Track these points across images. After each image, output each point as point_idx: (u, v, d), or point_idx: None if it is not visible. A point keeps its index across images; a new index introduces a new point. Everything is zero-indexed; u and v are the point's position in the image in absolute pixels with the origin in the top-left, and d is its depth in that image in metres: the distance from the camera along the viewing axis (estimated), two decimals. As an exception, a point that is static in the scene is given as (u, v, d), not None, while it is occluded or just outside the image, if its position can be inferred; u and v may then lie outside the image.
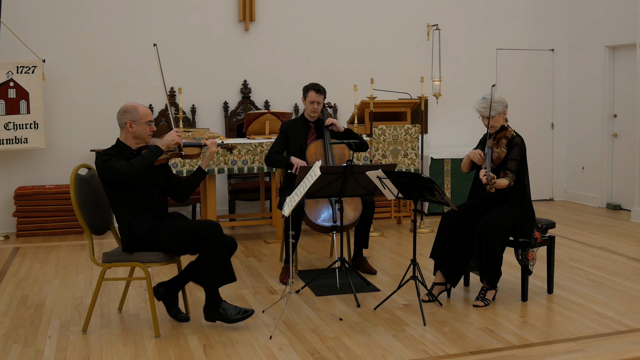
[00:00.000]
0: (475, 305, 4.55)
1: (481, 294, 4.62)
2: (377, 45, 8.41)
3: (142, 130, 4.12)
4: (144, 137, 4.16)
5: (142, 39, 7.63)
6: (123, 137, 4.16)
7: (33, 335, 4.11)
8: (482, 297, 4.60)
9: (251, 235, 7.11)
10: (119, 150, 4.12)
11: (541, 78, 9.13)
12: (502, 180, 4.48)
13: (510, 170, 4.55)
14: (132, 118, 4.10)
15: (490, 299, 4.63)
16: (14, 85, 6.96)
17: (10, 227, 7.29)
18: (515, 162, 4.57)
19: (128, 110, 4.12)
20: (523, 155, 4.61)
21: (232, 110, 7.94)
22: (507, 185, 4.51)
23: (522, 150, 4.60)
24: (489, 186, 4.35)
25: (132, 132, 4.11)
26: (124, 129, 4.12)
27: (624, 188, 8.34)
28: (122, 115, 4.12)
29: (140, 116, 4.10)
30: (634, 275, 5.37)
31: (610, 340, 3.96)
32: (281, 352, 3.80)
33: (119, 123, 4.15)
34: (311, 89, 5.45)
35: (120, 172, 3.94)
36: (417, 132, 7.23)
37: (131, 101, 7.83)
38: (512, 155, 4.57)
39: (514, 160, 4.57)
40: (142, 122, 4.11)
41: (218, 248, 4.01)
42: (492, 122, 4.59)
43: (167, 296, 4.28)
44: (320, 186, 4.60)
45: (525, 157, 4.64)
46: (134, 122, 4.09)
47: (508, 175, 4.53)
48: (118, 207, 4.08)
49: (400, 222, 7.66)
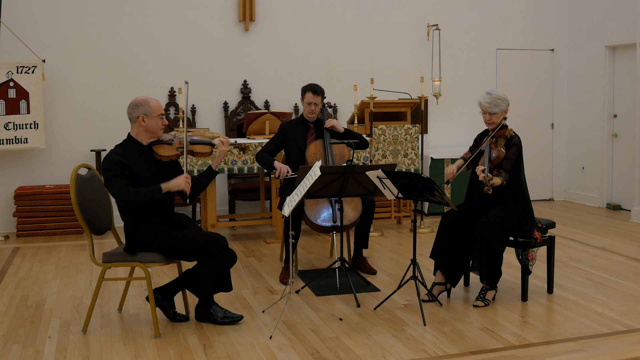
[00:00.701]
0: (476, 305, 4.56)
1: (481, 294, 4.62)
2: (377, 45, 8.41)
3: (154, 124, 4.07)
4: (156, 131, 4.10)
5: (143, 39, 7.63)
6: (134, 132, 4.10)
7: (33, 335, 4.11)
8: (482, 297, 4.60)
9: (251, 235, 7.11)
10: (129, 147, 4.07)
11: (541, 78, 9.13)
12: (496, 179, 4.48)
13: (505, 170, 4.54)
14: (145, 112, 4.04)
15: (491, 299, 4.63)
16: (14, 85, 6.96)
17: (10, 227, 7.29)
18: (510, 162, 4.56)
19: (140, 104, 4.05)
20: (520, 155, 4.61)
21: (232, 110, 7.94)
22: (500, 184, 4.50)
23: (519, 150, 4.60)
24: (487, 187, 4.35)
25: (144, 126, 4.05)
26: (136, 123, 4.06)
27: (624, 188, 8.34)
28: (134, 109, 4.05)
29: (152, 110, 4.05)
30: (634, 275, 5.37)
31: (610, 340, 3.96)
32: (281, 352, 3.80)
33: (129, 117, 4.08)
34: (308, 90, 5.43)
35: (113, 194, 3.95)
36: (417, 132, 7.23)
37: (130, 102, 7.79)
38: (508, 154, 4.56)
39: (509, 160, 4.56)
40: (154, 115, 4.06)
41: (221, 263, 4.08)
42: (493, 118, 4.60)
43: (164, 302, 4.29)
44: (320, 186, 4.60)
45: (521, 156, 4.63)
46: (146, 116, 4.04)
47: (502, 174, 4.53)
48: (125, 207, 4.07)
49: (400, 222, 7.66)
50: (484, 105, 4.61)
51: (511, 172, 4.57)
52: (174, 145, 4.17)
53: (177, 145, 4.17)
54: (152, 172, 4.09)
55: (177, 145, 4.17)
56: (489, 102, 4.58)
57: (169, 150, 4.15)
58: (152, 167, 4.11)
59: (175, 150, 4.15)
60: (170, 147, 4.16)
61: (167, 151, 4.14)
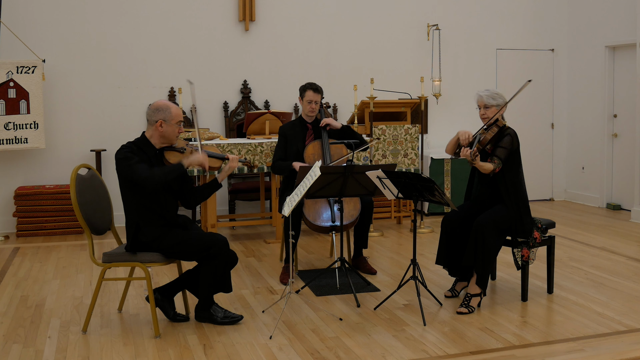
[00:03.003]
0: (459, 312, 4.41)
1: (465, 300, 4.50)
2: (377, 45, 8.41)
3: (171, 131, 4.06)
4: (171, 138, 4.10)
5: (143, 39, 7.63)
6: (149, 134, 4.10)
7: (33, 335, 4.11)
8: (466, 304, 4.48)
9: (251, 235, 7.11)
10: (141, 147, 4.07)
11: (541, 78, 9.12)
12: (487, 164, 4.44)
13: (498, 157, 4.48)
14: (164, 117, 4.03)
15: (475, 306, 4.50)
16: (14, 85, 6.96)
17: (10, 227, 7.29)
18: (504, 150, 4.50)
19: (161, 109, 4.04)
20: (515, 149, 4.55)
21: (232, 110, 7.94)
22: (492, 170, 4.46)
23: (514, 142, 4.53)
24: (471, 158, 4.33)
25: (160, 131, 4.05)
26: (153, 126, 4.05)
27: (624, 188, 8.34)
28: (154, 113, 4.04)
29: (172, 116, 4.04)
30: (634, 275, 5.37)
31: (610, 340, 3.96)
32: (281, 352, 3.80)
33: (148, 119, 4.08)
34: (308, 89, 5.43)
35: (140, 176, 3.91)
36: (417, 132, 7.23)
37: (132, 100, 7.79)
38: (502, 143, 4.51)
39: (503, 148, 4.50)
40: (173, 122, 4.04)
41: (222, 264, 4.08)
42: (487, 112, 4.56)
43: (164, 302, 4.29)
44: (320, 186, 4.60)
45: (518, 152, 4.59)
46: (164, 122, 4.03)
47: (495, 161, 4.48)
48: (129, 205, 4.09)
49: (400, 222, 7.66)
50: (481, 97, 4.59)
51: (507, 168, 4.52)
52: (185, 154, 4.15)
53: (188, 154, 4.15)
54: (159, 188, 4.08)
55: (189, 154, 4.15)
56: (487, 95, 4.58)
57: (179, 159, 4.12)
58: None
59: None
60: (181, 156, 4.15)
61: (178, 159, 4.12)
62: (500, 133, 4.56)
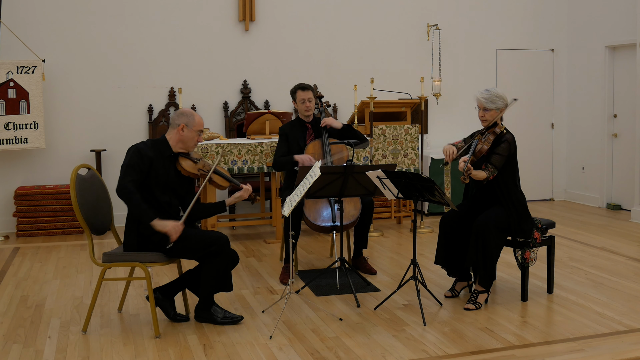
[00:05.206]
0: (467, 308, 4.48)
1: (472, 297, 4.55)
2: (377, 45, 8.41)
3: (190, 137, 4.18)
4: (189, 144, 4.21)
5: (143, 39, 7.63)
6: (169, 136, 4.21)
7: (33, 335, 4.11)
8: (473, 300, 4.53)
9: (251, 235, 7.11)
10: (159, 146, 4.15)
11: (541, 78, 9.13)
12: (480, 172, 4.39)
13: (493, 164, 4.44)
14: (187, 122, 4.16)
15: (482, 302, 4.56)
16: (14, 85, 6.96)
17: (10, 227, 7.29)
18: (499, 157, 4.45)
19: (185, 114, 4.19)
20: (512, 153, 4.51)
21: (232, 110, 7.94)
22: (485, 178, 4.41)
23: (511, 147, 4.49)
24: (463, 176, 4.30)
25: (181, 135, 4.17)
26: (175, 129, 4.18)
27: (624, 188, 8.34)
28: (178, 117, 4.19)
29: (194, 123, 4.18)
30: (634, 275, 5.37)
31: (610, 340, 3.96)
32: (281, 352, 3.80)
33: (171, 122, 4.22)
34: (297, 89, 5.48)
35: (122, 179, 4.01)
36: (417, 132, 7.23)
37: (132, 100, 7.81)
38: (498, 149, 4.47)
39: (499, 155, 4.46)
40: (194, 129, 4.18)
41: (223, 263, 4.10)
42: (487, 115, 4.54)
43: (164, 301, 4.29)
44: (320, 186, 4.60)
45: (515, 156, 4.55)
46: (186, 127, 4.16)
47: (489, 168, 4.43)
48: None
49: (400, 222, 7.66)
50: (480, 100, 4.56)
51: (502, 170, 4.49)
52: (198, 166, 4.25)
53: (200, 167, 4.25)
54: (169, 177, 4.15)
55: (201, 166, 4.26)
56: (485, 98, 4.54)
57: (191, 167, 4.23)
58: (170, 173, 4.17)
59: (197, 170, 4.24)
60: (194, 165, 4.24)
61: (189, 167, 4.22)
62: (497, 140, 4.54)
